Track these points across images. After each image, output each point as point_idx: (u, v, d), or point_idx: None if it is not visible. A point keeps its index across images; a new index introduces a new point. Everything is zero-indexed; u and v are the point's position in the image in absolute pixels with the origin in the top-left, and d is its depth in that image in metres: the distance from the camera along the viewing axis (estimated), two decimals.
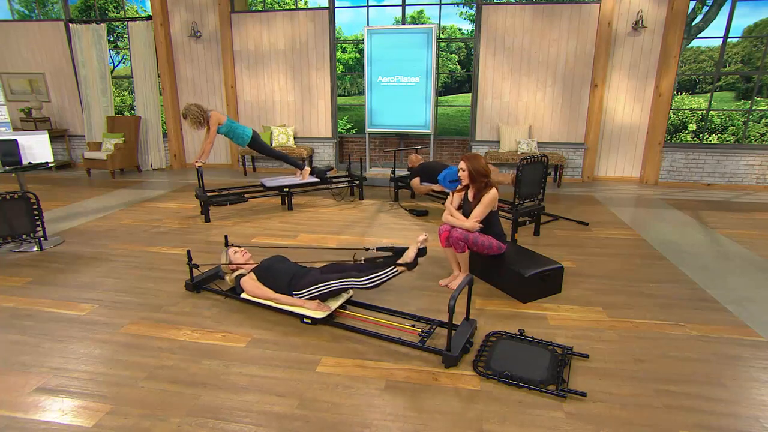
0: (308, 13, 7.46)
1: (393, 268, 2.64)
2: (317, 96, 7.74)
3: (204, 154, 4.97)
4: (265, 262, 3.06)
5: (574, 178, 7.24)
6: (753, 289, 3.34)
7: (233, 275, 3.13)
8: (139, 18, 7.76)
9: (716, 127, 12.22)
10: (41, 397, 2.15)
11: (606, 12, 6.49)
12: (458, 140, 8.06)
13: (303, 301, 2.79)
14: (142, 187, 6.81)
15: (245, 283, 2.97)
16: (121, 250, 4.14)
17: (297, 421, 1.98)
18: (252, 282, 2.96)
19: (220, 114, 4.99)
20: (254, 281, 2.97)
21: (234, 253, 3.17)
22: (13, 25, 8.20)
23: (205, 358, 2.46)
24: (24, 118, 8.11)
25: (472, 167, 3.13)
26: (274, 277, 2.92)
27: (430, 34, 6.67)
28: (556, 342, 2.56)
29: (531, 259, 3.25)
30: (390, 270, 2.63)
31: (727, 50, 17.90)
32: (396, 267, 2.64)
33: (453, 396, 2.15)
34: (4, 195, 3.87)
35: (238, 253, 3.17)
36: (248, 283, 2.97)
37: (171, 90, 7.98)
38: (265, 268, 2.99)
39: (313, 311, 2.75)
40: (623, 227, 4.84)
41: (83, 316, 2.92)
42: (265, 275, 2.96)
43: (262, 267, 3.02)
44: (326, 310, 2.76)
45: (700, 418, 2.00)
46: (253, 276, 3.00)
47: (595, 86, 6.76)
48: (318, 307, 2.76)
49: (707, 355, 2.50)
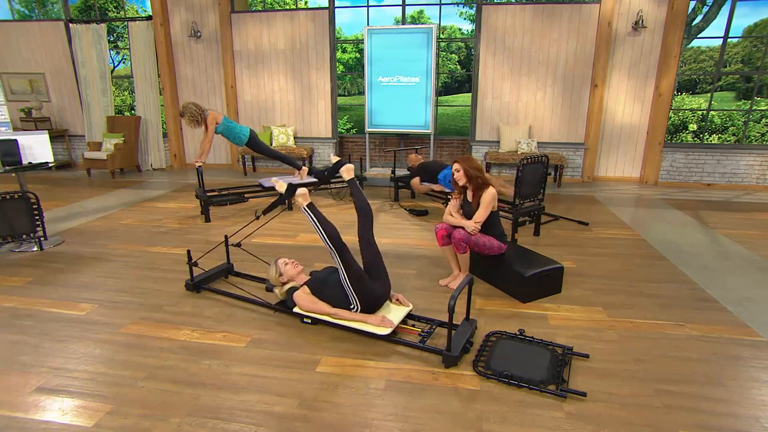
0: (308, 13, 7.46)
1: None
2: (317, 96, 7.74)
3: (203, 154, 4.97)
4: (316, 275, 2.89)
5: (574, 178, 7.24)
6: (753, 289, 3.34)
7: (284, 288, 2.95)
8: (139, 18, 7.76)
9: (716, 127, 12.22)
10: (41, 396, 2.15)
11: (606, 12, 6.49)
12: (458, 140, 8.06)
13: (364, 316, 2.64)
14: (142, 187, 6.81)
15: (299, 298, 2.78)
16: (121, 250, 4.14)
17: (297, 421, 1.98)
18: (307, 296, 2.77)
19: (218, 113, 4.99)
20: (309, 295, 2.78)
21: (285, 264, 2.96)
22: (13, 25, 8.20)
23: (205, 358, 2.46)
24: (24, 118, 8.12)
25: (467, 166, 3.15)
26: (330, 290, 2.73)
27: (430, 34, 6.67)
28: (556, 342, 2.56)
29: (531, 259, 3.25)
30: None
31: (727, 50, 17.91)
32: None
33: (453, 396, 2.15)
34: (5, 195, 3.87)
35: (289, 264, 2.96)
36: (302, 297, 2.77)
37: (171, 90, 7.98)
38: (320, 281, 2.80)
39: (376, 327, 2.57)
40: (623, 227, 4.84)
41: (83, 316, 2.92)
42: (320, 289, 2.77)
43: (316, 279, 2.84)
44: (390, 325, 2.57)
45: (700, 418, 2.00)
46: (307, 290, 2.80)
47: (595, 86, 6.76)
48: (382, 322, 2.59)
49: (707, 355, 2.50)
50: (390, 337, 2.56)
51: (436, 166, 5.18)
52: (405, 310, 2.79)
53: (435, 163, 5.38)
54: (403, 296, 2.90)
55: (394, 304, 2.84)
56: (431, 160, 6.03)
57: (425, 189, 5.26)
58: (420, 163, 5.46)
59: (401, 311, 2.76)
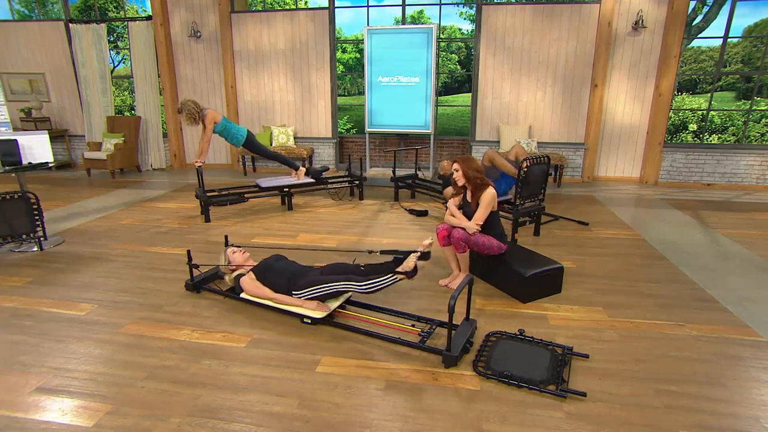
0: (308, 13, 7.46)
1: (393, 276, 2.62)
2: (317, 96, 7.74)
3: (202, 154, 4.96)
4: (264, 262, 3.06)
5: (574, 178, 7.24)
6: (753, 289, 3.34)
7: (233, 275, 3.14)
8: (139, 18, 7.76)
9: (716, 127, 12.22)
10: (41, 396, 2.15)
11: (606, 12, 6.49)
12: (458, 140, 8.06)
13: (302, 301, 2.79)
14: (142, 187, 6.81)
15: (244, 283, 2.97)
16: (121, 250, 4.14)
17: (297, 421, 1.99)
18: (251, 282, 2.96)
19: (217, 113, 4.98)
20: (253, 281, 2.97)
21: (233, 253, 3.17)
22: (13, 25, 8.20)
23: (205, 358, 2.46)
24: (24, 118, 8.11)
25: (465, 167, 3.16)
26: (274, 276, 2.92)
27: (430, 34, 6.67)
28: (556, 342, 2.56)
29: (531, 259, 3.25)
30: (389, 277, 2.62)
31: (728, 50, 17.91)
32: (395, 275, 2.63)
33: (453, 396, 2.15)
34: (5, 195, 3.87)
35: (237, 252, 3.18)
36: (247, 282, 2.97)
37: (171, 90, 7.98)
38: (265, 268, 2.99)
39: (313, 311, 2.75)
40: (623, 227, 4.84)
41: (83, 316, 2.92)
42: (264, 275, 2.96)
43: (261, 266, 3.02)
44: (326, 310, 2.75)
45: (700, 418, 2.00)
46: (252, 276, 3.00)
47: (595, 86, 6.76)
48: (318, 307, 2.76)
49: (707, 355, 2.50)
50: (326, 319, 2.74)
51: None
52: (344, 297, 2.89)
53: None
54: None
55: None
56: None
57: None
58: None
59: (341, 299, 2.87)
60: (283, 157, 5.55)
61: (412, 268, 2.66)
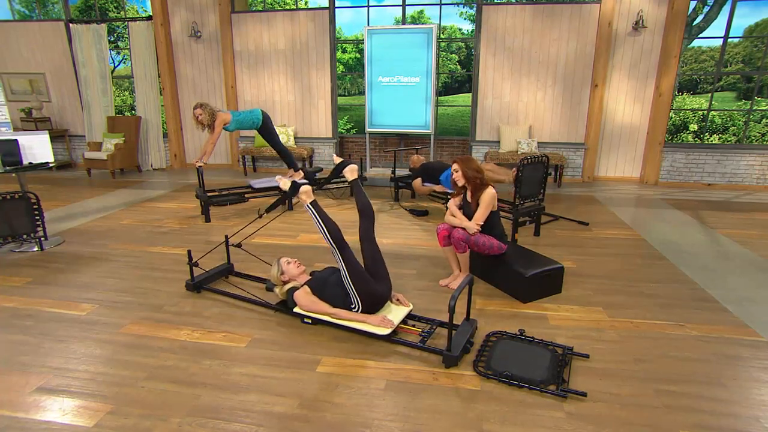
0: (308, 13, 7.46)
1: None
2: (317, 96, 7.74)
3: (206, 155, 4.96)
4: (318, 274, 2.90)
5: (574, 178, 7.24)
6: (753, 289, 3.34)
7: (284, 288, 2.93)
8: (140, 18, 7.76)
9: (717, 127, 12.21)
10: (42, 396, 2.15)
11: (606, 12, 6.49)
12: (458, 140, 8.05)
13: (364, 316, 2.64)
14: (142, 187, 6.81)
15: (299, 298, 2.77)
16: (121, 250, 4.14)
17: (297, 421, 1.99)
18: (307, 296, 2.76)
19: (226, 113, 4.95)
20: (309, 295, 2.76)
21: (287, 263, 2.94)
22: (14, 25, 8.20)
23: (205, 358, 2.46)
24: (24, 118, 8.12)
25: (465, 167, 3.16)
26: (331, 290, 2.73)
27: (431, 34, 6.67)
28: (556, 342, 2.56)
29: (531, 259, 3.25)
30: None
31: (728, 50, 17.90)
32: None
33: (453, 396, 2.15)
34: (5, 195, 3.87)
35: (291, 264, 2.94)
36: (303, 297, 2.76)
37: (171, 90, 7.98)
38: (321, 281, 2.80)
39: (377, 327, 2.57)
40: (623, 227, 4.84)
41: (84, 316, 2.92)
42: (321, 288, 2.77)
43: (317, 280, 2.83)
44: (390, 326, 2.57)
45: (700, 418, 2.00)
46: (307, 289, 2.79)
47: (596, 86, 6.76)
48: (382, 322, 2.58)
49: (707, 355, 2.50)
50: (390, 337, 2.56)
51: (439, 166, 5.18)
52: (405, 310, 2.79)
53: (437, 163, 5.38)
54: (403, 296, 2.90)
55: (394, 305, 2.84)
56: (433, 161, 6.02)
57: (427, 190, 5.26)
58: (422, 164, 5.45)
59: (401, 311, 2.77)
60: (289, 153, 5.54)
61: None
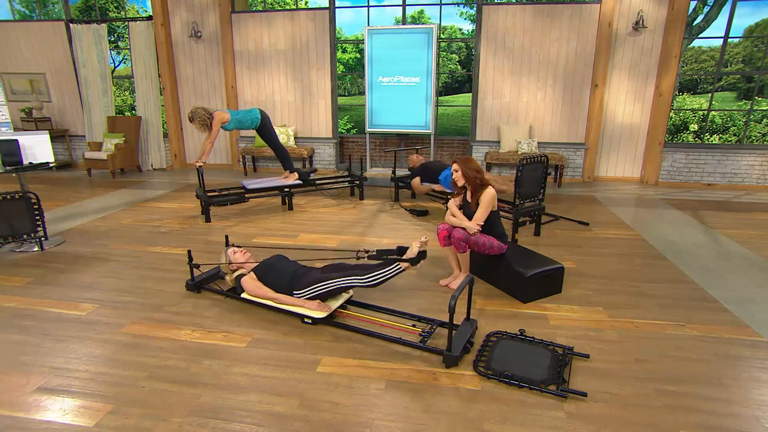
0: (308, 13, 7.46)
1: (396, 265, 2.62)
2: (318, 96, 7.74)
3: (204, 154, 4.96)
4: (265, 262, 3.06)
5: (574, 178, 7.23)
6: (753, 289, 3.34)
7: (233, 275, 3.13)
8: (140, 18, 7.76)
9: (717, 127, 12.21)
10: (42, 396, 2.16)
11: (606, 12, 6.49)
12: (458, 140, 8.06)
13: (303, 301, 2.79)
14: (142, 187, 6.81)
15: (245, 283, 2.97)
16: (121, 250, 4.15)
17: (297, 421, 1.99)
18: (252, 282, 2.96)
19: (224, 112, 4.95)
20: (254, 281, 2.96)
21: (234, 253, 3.16)
22: (14, 25, 8.21)
23: (205, 358, 2.46)
24: (25, 118, 8.12)
25: (465, 167, 3.16)
26: (275, 276, 2.92)
27: (431, 34, 6.67)
28: (556, 342, 2.56)
29: (531, 259, 3.25)
30: (393, 267, 2.62)
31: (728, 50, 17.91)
32: (399, 264, 2.62)
33: (453, 396, 2.15)
34: (5, 195, 3.87)
35: (238, 252, 3.16)
36: (248, 282, 2.96)
37: (171, 90, 7.98)
38: (266, 268, 2.99)
39: (314, 311, 2.75)
40: (623, 227, 4.84)
41: (84, 316, 2.92)
42: (265, 275, 2.96)
43: (262, 266, 3.02)
44: (326, 310, 2.76)
45: (700, 418, 2.00)
46: (253, 276, 3.00)
47: (596, 86, 6.76)
48: (318, 307, 2.76)
49: (708, 355, 2.50)
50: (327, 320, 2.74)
51: (437, 166, 5.18)
52: (345, 296, 2.91)
53: (436, 163, 5.37)
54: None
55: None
56: (432, 161, 6.03)
57: (426, 189, 5.26)
58: (421, 164, 5.45)
59: (342, 299, 2.89)
60: (286, 155, 5.53)
61: (415, 254, 2.63)
